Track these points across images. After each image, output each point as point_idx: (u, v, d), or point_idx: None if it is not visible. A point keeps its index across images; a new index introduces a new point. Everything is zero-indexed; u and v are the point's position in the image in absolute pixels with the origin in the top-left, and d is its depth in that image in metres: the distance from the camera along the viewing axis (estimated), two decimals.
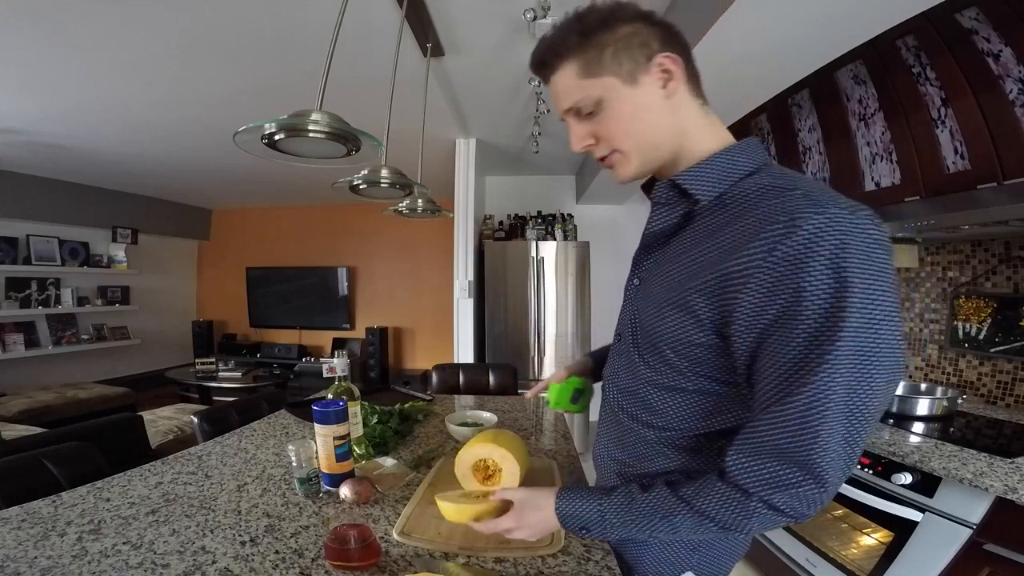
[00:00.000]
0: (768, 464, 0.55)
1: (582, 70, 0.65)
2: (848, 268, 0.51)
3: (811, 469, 0.53)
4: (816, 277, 0.52)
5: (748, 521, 0.58)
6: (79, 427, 1.79)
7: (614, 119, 0.66)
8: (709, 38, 1.61)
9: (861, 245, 0.52)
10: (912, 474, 1.36)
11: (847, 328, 0.51)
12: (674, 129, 0.67)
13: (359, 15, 1.60)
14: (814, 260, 0.52)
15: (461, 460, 0.99)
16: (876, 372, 0.52)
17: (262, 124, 1.01)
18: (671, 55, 0.64)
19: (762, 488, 0.56)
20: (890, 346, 0.52)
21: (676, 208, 0.70)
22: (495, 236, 3.94)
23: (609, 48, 0.64)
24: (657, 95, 0.65)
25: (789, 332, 0.54)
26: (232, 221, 6.31)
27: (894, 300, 0.53)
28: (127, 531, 0.86)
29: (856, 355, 0.51)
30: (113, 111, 2.89)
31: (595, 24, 0.64)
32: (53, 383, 4.26)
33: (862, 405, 0.52)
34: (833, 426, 0.52)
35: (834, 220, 0.53)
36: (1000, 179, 1.45)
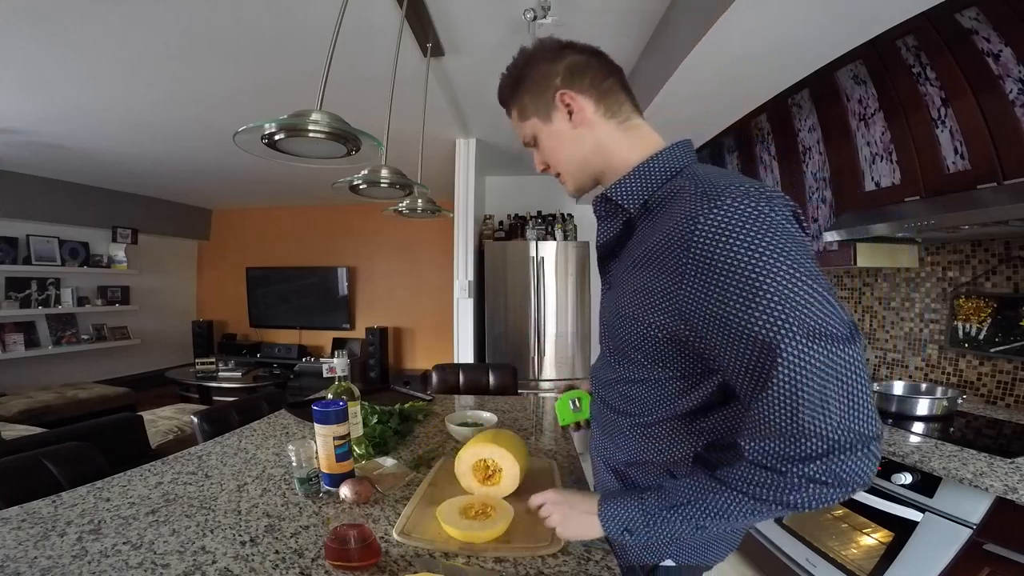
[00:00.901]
0: (779, 443, 0.56)
1: (519, 114, 0.80)
2: (749, 250, 0.55)
3: (823, 437, 0.54)
4: (724, 269, 0.56)
5: (790, 495, 0.57)
6: (79, 427, 1.79)
7: (545, 150, 0.80)
8: (709, 38, 1.61)
9: (752, 226, 0.55)
10: (912, 474, 1.36)
11: (775, 309, 0.54)
12: (592, 149, 0.77)
13: (359, 15, 1.60)
14: (719, 253, 0.56)
15: (461, 459, 0.99)
16: (821, 328, 0.54)
17: (262, 124, 1.01)
18: (567, 92, 0.74)
19: (791, 463, 0.56)
20: (818, 301, 0.54)
21: (615, 219, 0.77)
22: (495, 236, 3.94)
23: (527, 95, 0.78)
24: (567, 126, 0.76)
25: (732, 327, 0.56)
26: (232, 221, 6.31)
27: (798, 262, 0.55)
28: (127, 531, 0.86)
29: (797, 328, 0.53)
30: (113, 111, 2.89)
31: (518, 73, 0.78)
32: (53, 383, 4.27)
33: (827, 366, 0.53)
34: (808, 393, 0.54)
35: (725, 211, 0.57)
36: (1000, 179, 1.45)
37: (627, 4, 1.91)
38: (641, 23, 2.06)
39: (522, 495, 0.95)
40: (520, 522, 0.85)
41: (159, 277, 5.81)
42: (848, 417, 0.54)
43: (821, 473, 0.55)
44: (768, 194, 0.59)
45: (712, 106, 2.30)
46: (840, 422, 0.54)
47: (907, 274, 2.11)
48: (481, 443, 0.98)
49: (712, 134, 2.78)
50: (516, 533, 0.83)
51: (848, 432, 0.54)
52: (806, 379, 0.54)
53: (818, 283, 0.55)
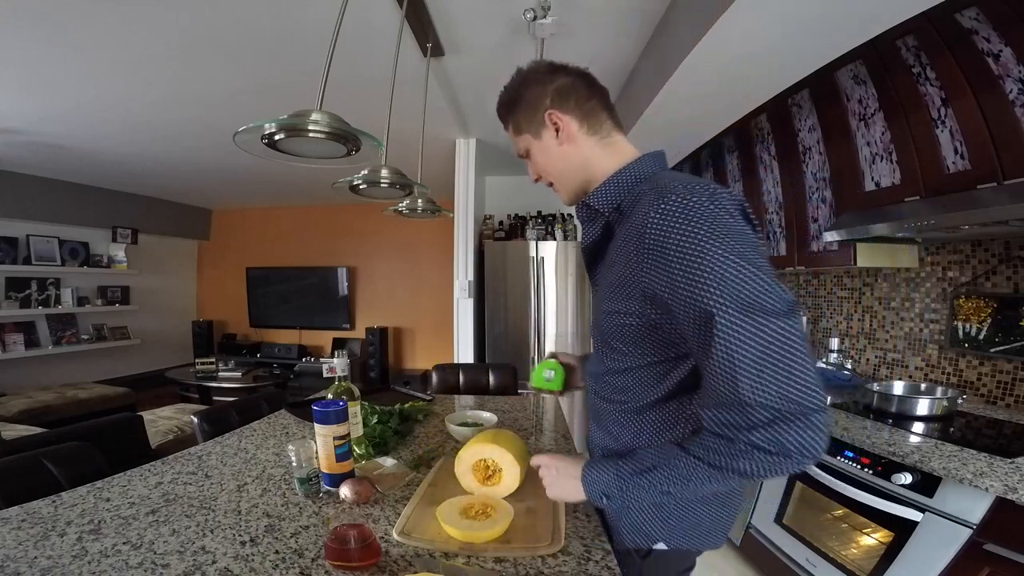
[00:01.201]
0: (728, 412, 0.62)
1: (514, 130, 0.89)
2: (690, 236, 0.62)
3: (764, 406, 0.59)
4: (671, 252, 0.64)
5: (739, 462, 0.63)
6: (79, 427, 1.79)
7: (538, 162, 0.89)
8: (709, 38, 1.61)
9: (693, 216, 0.63)
10: (912, 474, 1.36)
11: (712, 284, 0.61)
12: (577, 163, 0.85)
13: (359, 15, 1.60)
14: (666, 239, 0.64)
15: (461, 459, 0.99)
16: (754, 301, 0.60)
17: (262, 124, 1.01)
18: (554, 112, 0.83)
19: (739, 431, 0.62)
20: (752, 279, 0.61)
21: (595, 223, 0.85)
22: (495, 236, 3.94)
23: (521, 114, 0.86)
24: (554, 143, 0.85)
25: (682, 300, 0.64)
26: (232, 221, 6.31)
27: (733, 247, 0.62)
28: (127, 531, 0.86)
29: (729, 300, 0.60)
30: (113, 111, 2.89)
31: (513, 93, 0.87)
32: (53, 383, 4.27)
33: (759, 334, 0.59)
34: (743, 362, 0.60)
35: (670, 205, 0.65)
36: (1000, 179, 1.45)
37: (627, 4, 1.91)
38: (641, 23, 2.06)
39: (523, 496, 0.96)
40: (520, 522, 0.85)
41: (159, 277, 5.81)
42: (786, 387, 0.59)
43: (765, 442, 0.60)
44: (712, 190, 0.66)
45: (712, 106, 2.30)
46: (779, 392, 0.59)
47: (907, 274, 2.11)
48: (481, 443, 0.98)
49: (712, 134, 2.79)
50: (516, 533, 0.83)
51: (788, 402, 0.58)
52: (740, 347, 0.60)
53: (754, 265, 0.62)
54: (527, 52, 2.18)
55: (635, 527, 0.84)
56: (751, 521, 2.08)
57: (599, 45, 2.21)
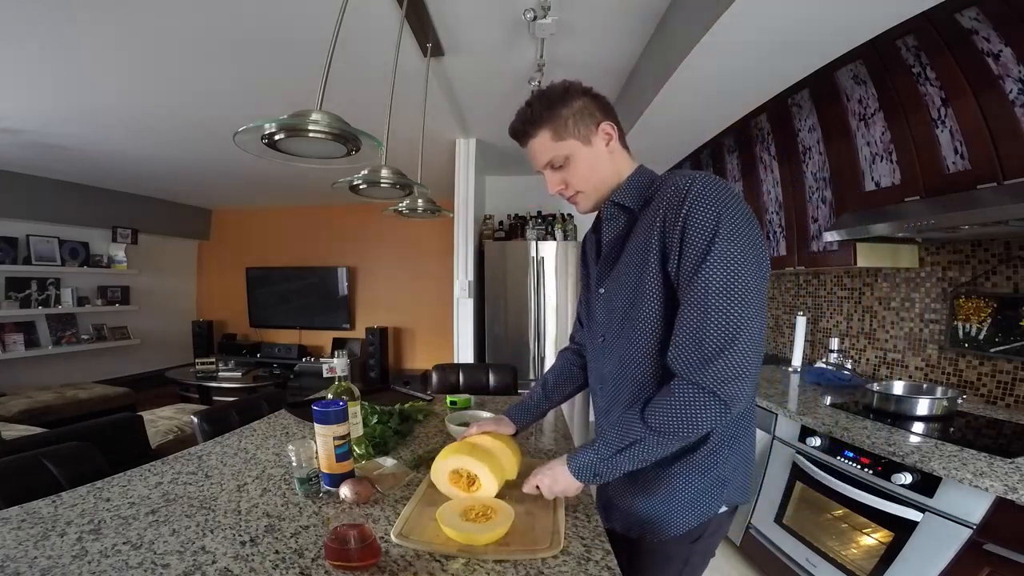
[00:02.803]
0: (688, 348, 0.78)
1: (554, 135, 0.91)
2: (714, 199, 0.78)
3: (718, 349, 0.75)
4: (705, 216, 0.78)
5: (692, 416, 0.77)
6: (79, 427, 1.79)
7: (578, 170, 0.93)
8: (709, 38, 1.61)
9: (718, 185, 0.80)
10: (912, 474, 1.36)
11: (720, 247, 0.76)
12: (614, 172, 0.95)
13: (359, 15, 1.60)
14: (700, 205, 0.79)
15: (437, 474, 0.98)
16: (743, 268, 0.76)
17: (262, 124, 1.01)
18: (610, 123, 0.92)
19: (691, 371, 0.77)
20: (748, 255, 0.77)
21: (619, 219, 0.96)
22: (495, 236, 3.94)
23: (570, 119, 0.90)
24: (603, 151, 0.93)
25: (687, 252, 0.79)
26: (232, 221, 6.31)
27: (746, 219, 0.79)
28: (127, 531, 0.86)
29: (726, 257, 0.76)
30: (113, 111, 2.89)
31: (556, 99, 0.90)
32: (53, 383, 4.27)
33: (737, 294, 0.75)
34: (717, 313, 0.75)
35: (699, 181, 0.81)
36: (1000, 179, 1.45)
37: (627, 4, 1.91)
38: (641, 23, 2.06)
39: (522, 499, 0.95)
40: (519, 524, 0.85)
41: (159, 277, 5.81)
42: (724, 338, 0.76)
43: (706, 379, 0.76)
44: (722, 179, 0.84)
45: (712, 106, 2.30)
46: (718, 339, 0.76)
47: (907, 274, 2.11)
48: (453, 455, 0.97)
49: (712, 134, 2.79)
50: (515, 536, 0.83)
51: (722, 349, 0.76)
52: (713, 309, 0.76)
53: (753, 246, 0.79)
54: (527, 52, 2.18)
55: (694, 501, 0.91)
56: (751, 521, 2.08)
57: (599, 45, 2.21)
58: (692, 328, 0.77)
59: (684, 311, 0.79)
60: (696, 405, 0.77)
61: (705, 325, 0.76)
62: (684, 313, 0.79)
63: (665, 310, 0.85)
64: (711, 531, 0.93)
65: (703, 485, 0.90)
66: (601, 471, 0.84)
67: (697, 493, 0.91)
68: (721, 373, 0.75)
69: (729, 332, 0.75)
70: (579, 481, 0.86)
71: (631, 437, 0.81)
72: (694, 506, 0.91)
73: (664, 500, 0.92)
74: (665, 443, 0.81)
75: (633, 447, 0.81)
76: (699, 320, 0.76)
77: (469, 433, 1.09)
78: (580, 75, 0.97)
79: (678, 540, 0.92)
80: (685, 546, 0.93)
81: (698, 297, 0.77)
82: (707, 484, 0.90)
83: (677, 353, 0.79)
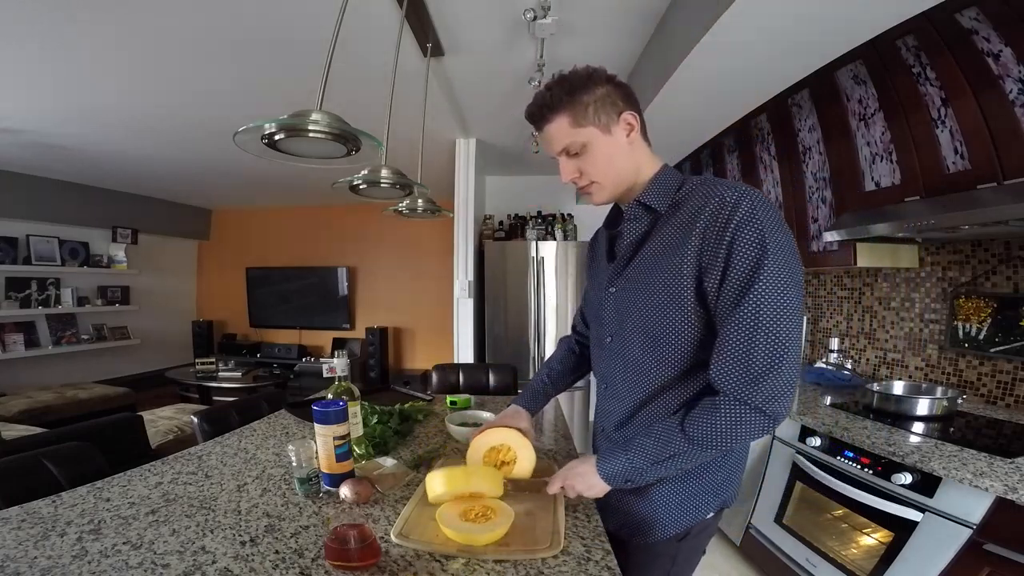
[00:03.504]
0: (735, 367, 0.77)
1: (573, 121, 0.87)
2: (762, 221, 0.77)
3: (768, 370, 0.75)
4: (752, 235, 0.77)
5: (736, 430, 0.78)
6: (79, 427, 1.79)
7: (595, 159, 0.89)
8: (709, 38, 1.61)
9: (766, 204, 0.79)
10: (912, 474, 1.36)
11: (769, 268, 0.76)
12: (634, 165, 0.92)
13: (359, 15, 1.60)
14: (749, 226, 0.77)
15: (476, 446, 1.02)
16: (789, 290, 0.76)
17: (262, 124, 1.01)
18: (633, 112, 0.89)
19: (738, 389, 0.77)
20: (794, 277, 0.77)
21: (643, 220, 0.92)
22: (495, 236, 3.94)
23: (591, 106, 0.87)
24: (624, 142, 0.90)
25: (733, 271, 0.78)
26: (232, 221, 6.31)
27: (789, 241, 0.79)
28: (127, 531, 0.86)
29: (774, 279, 0.76)
30: (113, 111, 2.89)
31: (578, 85, 0.87)
32: (53, 383, 4.26)
33: (785, 315, 0.75)
34: (766, 334, 0.75)
35: (748, 197, 0.79)
36: (1000, 179, 1.45)
37: (627, 4, 1.91)
38: (641, 23, 2.06)
39: (522, 499, 0.96)
40: (519, 524, 0.85)
41: (159, 277, 5.80)
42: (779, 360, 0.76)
43: (752, 397, 0.76)
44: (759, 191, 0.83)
45: (712, 106, 2.30)
46: (776, 364, 0.75)
47: (907, 274, 2.11)
48: (493, 431, 1.03)
49: (712, 134, 2.79)
50: (515, 536, 0.82)
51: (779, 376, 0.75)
52: (767, 325, 0.75)
53: (795, 263, 0.79)
54: (527, 52, 2.18)
55: (683, 506, 0.93)
56: (751, 521, 2.08)
57: (599, 45, 2.21)
58: (740, 347, 0.77)
59: (731, 330, 0.78)
60: (743, 422, 0.77)
61: (754, 345, 0.76)
62: (731, 332, 0.78)
63: (696, 325, 0.84)
64: (696, 531, 0.96)
65: (696, 490, 0.93)
66: (634, 477, 0.85)
67: (689, 497, 0.93)
68: (769, 392, 0.75)
69: (777, 352, 0.75)
70: (609, 486, 0.87)
71: (671, 450, 0.82)
72: (685, 510, 0.93)
73: (657, 503, 0.94)
74: (705, 456, 0.82)
75: (672, 459, 0.82)
76: (748, 339, 0.76)
77: (489, 428, 1.09)
78: None
79: (666, 540, 0.94)
80: (672, 545, 0.95)
81: (747, 317, 0.76)
82: (700, 489, 0.93)
83: (723, 371, 0.79)
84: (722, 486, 0.95)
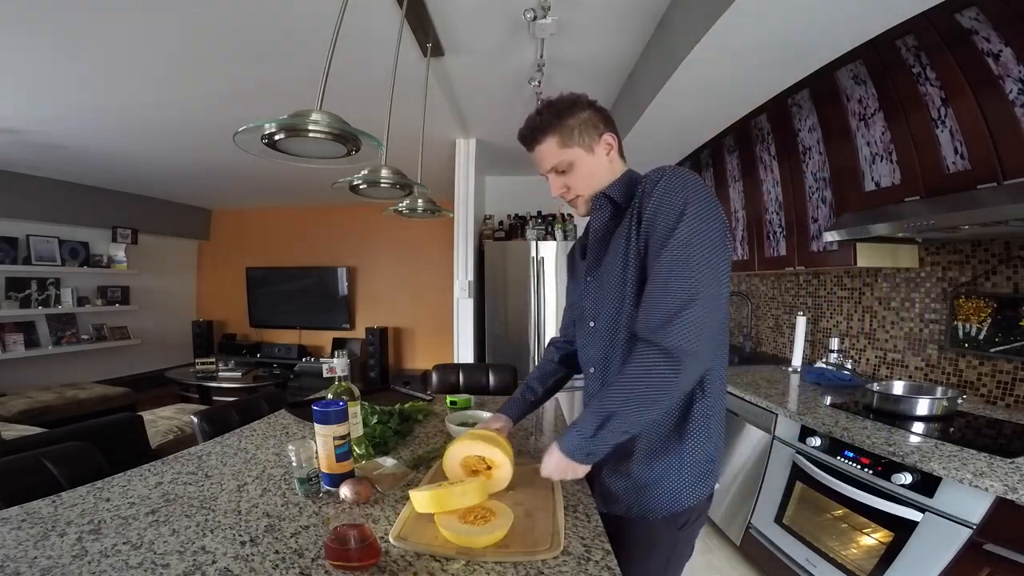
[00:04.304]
0: (650, 313, 0.85)
1: (560, 142, 1.00)
2: (682, 188, 0.87)
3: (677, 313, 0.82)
4: (673, 201, 0.87)
5: (652, 376, 0.83)
6: (79, 427, 1.79)
7: (580, 175, 1.02)
8: (709, 38, 1.61)
9: (685, 176, 0.90)
10: (912, 474, 1.36)
11: (684, 226, 0.85)
12: (611, 179, 1.03)
13: (359, 15, 1.60)
14: (669, 190, 0.88)
15: (451, 457, 1.01)
16: (704, 245, 0.84)
17: (262, 124, 1.01)
18: (611, 134, 1.02)
19: (650, 332, 0.84)
20: (711, 233, 0.85)
21: (606, 209, 1.04)
22: (495, 236, 3.94)
23: (576, 129, 0.99)
24: (604, 160, 1.02)
25: (656, 232, 0.87)
26: (232, 221, 6.31)
27: (713, 210, 0.87)
28: (127, 531, 0.86)
29: (689, 235, 0.84)
30: (113, 111, 2.89)
31: (564, 110, 0.99)
32: (53, 383, 4.26)
33: (696, 265, 0.83)
34: (677, 280, 0.83)
35: (669, 171, 0.91)
36: (1000, 179, 1.45)
37: (627, 3, 1.91)
38: (641, 23, 2.06)
39: (521, 500, 0.96)
40: (519, 526, 0.85)
41: (159, 277, 5.81)
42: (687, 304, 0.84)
43: (666, 341, 0.82)
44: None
45: (712, 106, 2.30)
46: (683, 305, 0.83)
47: (907, 274, 2.11)
48: (473, 441, 1.00)
49: (712, 134, 2.79)
50: (514, 537, 0.82)
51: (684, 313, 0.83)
52: (678, 279, 0.84)
53: (715, 227, 0.87)
54: (527, 52, 2.18)
55: (691, 480, 0.97)
56: (751, 521, 2.08)
57: (599, 45, 2.21)
58: (655, 295, 0.85)
59: (650, 282, 0.87)
60: (656, 368, 0.83)
61: (667, 291, 0.83)
62: (649, 284, 0.87)
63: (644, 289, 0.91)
64: (695, 517, 1.01)
65: (691, 467, 0.97)
66: (591, 449, 0.89)
67: (691, 474, 0.97)
68: (678, 331, 0.81)
69: (687, 295, 0.82)
70: (575, 462, 0.91)
71: (605, 411, 0.87)
72: (689, 483, 0.98)
73: (658, 479, 0.98)
74: (636, 410, 0.85)
75: (611, 420, 0.86)
76: (661, 287, 0.84)
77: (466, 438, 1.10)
78: (580, 75, 1.00)
79: (666, 525, 0.98)
80: (673, 533, 1.00)
81: (662, 267, 0.84)
82: (694, 465, 0.97)
83: (641, 318, 0.87)
84: (716, 458, 1.00)
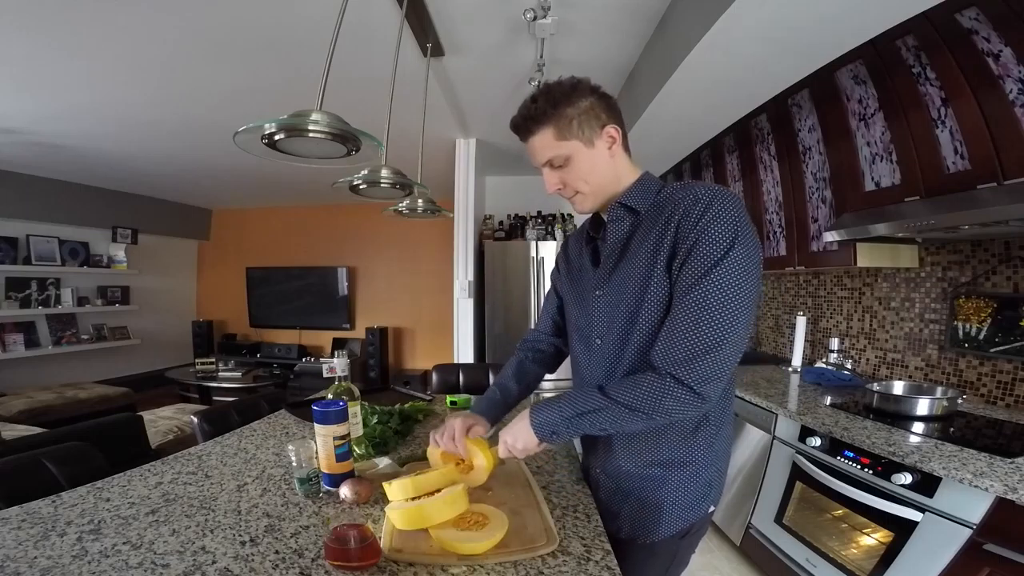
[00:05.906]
0: (676, 346, 0.79)
1: (557, 134, 0.89)
2: (736, 218, 0.80)
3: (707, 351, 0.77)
4: (723, 231, 0.79)
5: (661, 401, 0.79)
6: (79, 427, 1.79)
7: (578, 171, 0.91)
8: (709, 38, 1.61)
9: (738, 202, 0.82)
10: (912, 474, 1.36)
11: (729, 262, 0.78)
12: (615, 175, 0.94)
13: (359, 15, 1.60)
14: (721, 220, 0.79)
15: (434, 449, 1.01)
16: (745, 284, 0.78)
17: (262, 124, 1.01)
18: (615, 126, 0.91)
19: (673, 366, 0.78)
20: (752, 276, 0.79)
21: (625, 221, 0.94)
22: (495, 236, 3.94)
23: (575, 120, 0.88)
24: (605, 154, 0.92)
25: (696, 257, 0.80)
26: (232, 221, 6.31)
27: (757, 249, 0.82)
28: (127, 531, 0.86)
29: (733, 270, 0.78)
30: (113, 111, 2.89)
31: (562, 97, 0.88)
32: (53, 383, 4.26)
33: (734, 304, 0.77)
34: (712, 317, 0.77)
35: (721, 195, 0.81)
36: (1000, 179, 1.45)
37: (627, 4, 1.91)
38: (641, 23, 2.06)
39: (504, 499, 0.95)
40: (511, 525, 0.84)
41: (159, 277, 5.81)
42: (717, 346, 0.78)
43: (685, 375, 0.77)
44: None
45: (712, 106, 2.31)
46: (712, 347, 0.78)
47: (907, 274, 2.11)
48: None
49: (712, 134, 2.79)
50: (510, 536, 0.81)
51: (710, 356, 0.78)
52: (713, 315, 0.77)
53: (756, 264, 0.81)
54: (527, 52, 2.18)
55: (688, 504, 0.94)
56: (751, 521, 2.08)
57: (599, 45, 2.21)
58: (683, 328, 0.78)
59: (678, 311, 0.80)
60: (670, 393, 0.78)
61: (697, 327, 0.77)
62: (678, 313, 0.80)
63: (667, 313, 0.84)
64: (696, 529, 0.98)
65: (697, 487, 0.94)
66: (560, 430, 0.86)
67: (693, 494, 0.94)
68: (702, 372, 0.77)
69: (717, 337, 0.77)
70: (538, 437, 0.87)
71: (595, 404, 0.83)
72: (690, 506, 0.94)
73: (664, 502, 0.94)
74: (626, 415, 0.81)
75: (596, 414, 0.83)
76: (692, 322, 0.78)
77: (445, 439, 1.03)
78: (580, 75, 0.95)
79: (668, 539, 0.95)
80: (675, 542, 0.96)
81: (697, 300, 0.78)
82: (700, 485, 0.94)
83: (662, 348, 0.80)
84: (713, 481, 0.97)
